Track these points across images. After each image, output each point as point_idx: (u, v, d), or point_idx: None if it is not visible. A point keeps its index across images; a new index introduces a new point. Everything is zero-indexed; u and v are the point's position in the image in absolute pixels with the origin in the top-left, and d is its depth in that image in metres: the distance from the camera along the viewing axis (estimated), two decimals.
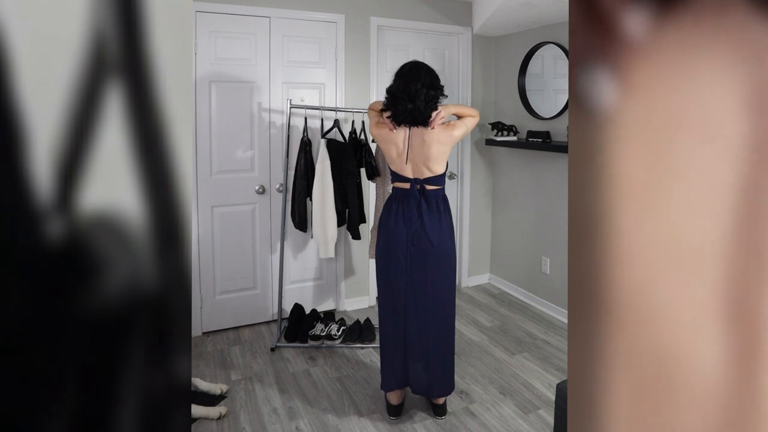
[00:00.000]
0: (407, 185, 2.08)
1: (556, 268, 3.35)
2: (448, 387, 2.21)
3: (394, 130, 2.04)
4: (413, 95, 1.96)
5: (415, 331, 2.13)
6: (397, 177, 2.12)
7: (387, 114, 2.05)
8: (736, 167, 0.43)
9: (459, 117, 2.13)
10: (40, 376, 0.57)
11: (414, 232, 2.06)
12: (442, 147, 2.03)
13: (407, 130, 2.04)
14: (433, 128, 2.01)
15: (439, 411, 2.23)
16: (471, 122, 2.11)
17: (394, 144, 2.06)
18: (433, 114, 2.02)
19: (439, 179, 2.09)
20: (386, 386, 2.20)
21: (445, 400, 2.27)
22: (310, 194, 2.86)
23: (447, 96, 2.11)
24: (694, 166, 0.45)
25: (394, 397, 2.23)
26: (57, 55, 0.57)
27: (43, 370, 0.58)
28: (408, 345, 2.15)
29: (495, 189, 3.91)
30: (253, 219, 3.10)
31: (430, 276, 2.09)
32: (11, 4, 0.54)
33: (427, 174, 2.06)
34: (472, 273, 3.95)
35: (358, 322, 3.04)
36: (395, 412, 2.23)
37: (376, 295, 2.26)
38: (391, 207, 2.12)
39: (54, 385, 0.58)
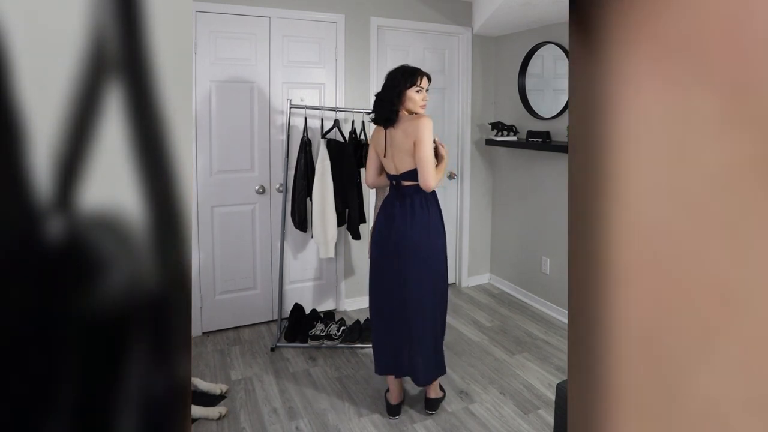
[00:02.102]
0: (389, 182, 2.20)
1: (556, 268, 3.35)
2: (432, 375, 2.20)
3: (377, 132, 2.18)
4: (381, 98, 2.12)
5: (400, 318, 2.15)
6: (386, 175, 2.22)
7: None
8: None
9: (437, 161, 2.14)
10: (39, 376, 0.57)
11: (390, 226, 2.14)
12: (406, 137, 2.04)
13: (384, 131, 2.14)
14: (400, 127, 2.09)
15: (429, 405, 2.25)
16: (428, 155, 2.02)
17: (379, 144, 2.17)
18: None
19: (414, 175, 2.07)
20: (380, 370, 2.23)
21: (440, 399, 2.28)
22: (310, 194, 2.86)
23: (419, 86, 2.09)
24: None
25: (393, 397, 2.24)
26: (57, 54, 0.57)
27: (42, 370, 0.57)
28: (394, 331, 2.17)
29: (495, 189, 3.91)
30: (253, 219, 3.10)
31: (405, 268, 2.11)
32: (11, 4, 0.54)
33: (403, 168, 2.10)
34: (472, 273, 3.94)
35: (358, 322, 3.04)
36: (395, 411, 2.23)
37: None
38: (381, 204, 2.25)
39: (53, 385, 0.58)
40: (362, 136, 2.96)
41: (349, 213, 2.95)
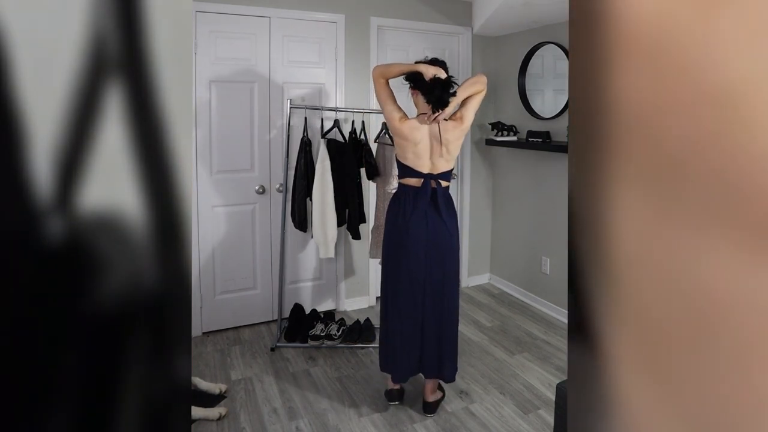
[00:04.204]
0: (420, 181, 2.11)
1: (556, 268, 3.35)
2: (455, 369, 2.26)
3: (419, 124, 2.09)
4: (442, 82, 2.08)
5: (433, 321, 2.17)
6: (409, 172, 2.13)
7: (425, 106, 2.10)
8: None
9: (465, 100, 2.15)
10: (40, 376, 0.57)
11: (433, 227, 2.11)
12: (458, 142, 2.12)
13: (427, 126, 2.09)
14: (443, 120, 2.08)
15: (429, 408, 2.25)
16: (478, 100, 2.15)
17: (414, 141, 2.08)
18: (442, 112, 2.06)
19: (450, 174, 2.17)
20: (399, 377, 2.23)
21: (439, 400, 2.29)
22: (310, 194, 2.86)
23: (456, 87, 2.12)
24: None
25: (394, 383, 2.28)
26: (57, 55, 0.57)
27: (42, 370, 0.57)
28: (425, 334, 2.18)
29: (495, 189, 3.91)
30: (253, 219, 3.10)
31: (447, 267, 2.16)
32: (11, 4, 0.54)
33: (442, 168, 2.12)
34: (472, 273, 3.94)
35: (358, 322, 3.04)
36: (397, 396, 2.29)
37: (382, 291, 2.26)
38: (402, 203, 2.14)
39: (53, 385, 0.58)
40: (362, 136, 2.96)
41: (349, 213, 2.95)
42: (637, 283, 0.46)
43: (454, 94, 2.08)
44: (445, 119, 2.09)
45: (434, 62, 2.17)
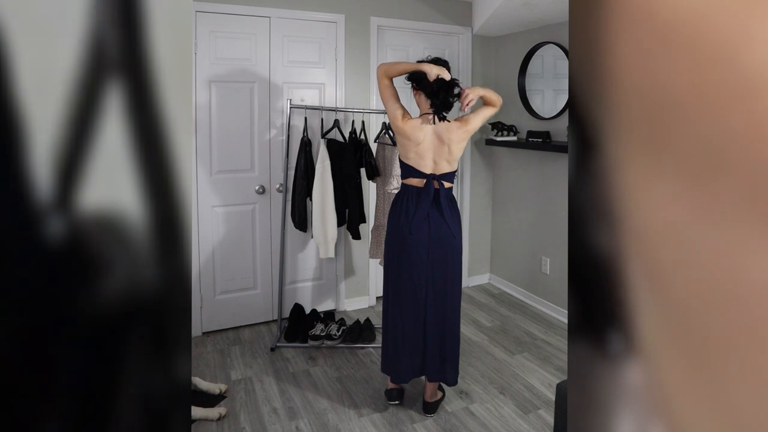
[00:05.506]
0: (423, 181, 2.10)
1: (556, 268, 3.35)
2: (456, 372, 2.26)
3: (421, 124, 2.08)
4: (446, 85, 2.06)
5: (435, 323, 2.17)
6: (412, 172, 2.12)
7: (427, 106, 2.11)
8: None
9: (483, 102, 2.17)
10: (40, 376, 0.57)
11: (436, 228, 2.10)
12: (461, 143, 2.11)
13: (430, 126, 2.08)
14: (462, 111, 2.08)
15: (429, 408, 2.25)
16: (489, 113, 2.16)
17: (416, 140, 2.07)
18: (463, 96, 2.07)
19: (452, 175, 2.16)
20: (400, 379, 2.22)
21: (438, 401, 2.29)
22: (310, 194, 2.86)
23: (460, 88, 2.13)
24: None
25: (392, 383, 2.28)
26: (57, 54, 0.57)
27: (42, 370, 0.57)
28: (427, 335, 2.17)
29: (495, 189, 3.91)
30: (253, 219, 3.10)
31: (450, 268, 2.15)
32: (11, 4, 0.54)
33: (444, 170, 2.11)
34: (472, 273, 3.94)
35: (358, 322, 3.04)
36: (397, 396, 2.28)
37: (384, 292, 2.25)
38: (404, 204, 2.13)
39: (53, 385, 0.58)
40: (362, 136, 2.96)
41: (349, 213, 2.95)
42: (678, 278, 0.46)
43: (458, 95, 2.08)
44: (448, 120, 2.08)
45: (437, 62, 2.15)
